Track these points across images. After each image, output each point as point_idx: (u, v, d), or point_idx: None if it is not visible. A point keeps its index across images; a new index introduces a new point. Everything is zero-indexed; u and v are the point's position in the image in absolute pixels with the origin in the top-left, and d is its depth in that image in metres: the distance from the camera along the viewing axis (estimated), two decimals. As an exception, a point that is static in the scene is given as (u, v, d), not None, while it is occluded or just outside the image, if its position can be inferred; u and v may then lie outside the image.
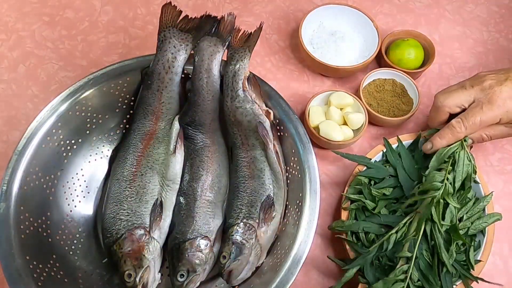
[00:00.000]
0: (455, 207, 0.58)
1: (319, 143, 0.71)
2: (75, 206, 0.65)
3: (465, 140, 0.62)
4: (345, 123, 0.72)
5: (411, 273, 0.56)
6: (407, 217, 0.59)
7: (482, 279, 0.57)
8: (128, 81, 0.67)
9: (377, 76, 0.77)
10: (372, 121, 0.75)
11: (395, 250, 0.58)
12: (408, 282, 0.56)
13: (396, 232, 0.59)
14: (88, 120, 0.66)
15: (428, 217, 0.57)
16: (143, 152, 0.63)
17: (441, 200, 0.58)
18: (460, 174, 0.60)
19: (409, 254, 0.57)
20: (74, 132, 0.65)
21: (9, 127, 0.76)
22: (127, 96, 0.68)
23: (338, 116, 0.72)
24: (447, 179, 0.59)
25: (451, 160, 0.61)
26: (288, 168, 0.64)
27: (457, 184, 0.60)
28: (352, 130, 0.72)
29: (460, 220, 0.61)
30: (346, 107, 0.73)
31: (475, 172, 0.62)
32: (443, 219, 0.58)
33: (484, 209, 0.63)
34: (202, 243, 0.59)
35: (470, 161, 0.61)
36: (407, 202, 0.61)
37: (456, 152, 0.62)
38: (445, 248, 0.57)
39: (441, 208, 0.58)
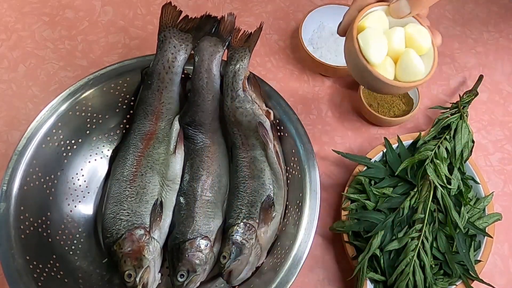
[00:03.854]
0: (444, 174, 0.62)
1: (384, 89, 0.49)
2: (75, 206, 0.65)
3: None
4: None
5: (424, 230, 0.58)
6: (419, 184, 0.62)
7: (482, 281, 0.57)
8: (128, 81, 0.66)
9: (377, 76, 0.77)
10: (372, 121, 0.75)
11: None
12: (422, 239, 0.58)
13: (410, 199, 0.61)
14: (88, 120, 0.66)
15: (437, 182, 0.61)
16: (143, 152, 0.63)
17: (436, 161, 0.62)
18: (459, 142, 0.64)
19: (422, 215, 0.59)
20: (74, 132, 0.65)
21: (9, 127, 0.76)
22: (127, 96, 0.68)
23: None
24: (445, 147, 0.64)
25: (449, 130, 0.66)
26: (288, 168, 0.63)
27: (458, 151, 0.64)
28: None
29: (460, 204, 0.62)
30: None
31: (472, 141, 0.65)
32: (449, 183, 0.62)
33: (484, 209, 0.63)
34: (202, 243, 0.59)
35: (469, 132, 0.65)
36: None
37: (454, 123, 0.66)
38: (456, 210, 0.60)
39: (442, 173, 0.61)
